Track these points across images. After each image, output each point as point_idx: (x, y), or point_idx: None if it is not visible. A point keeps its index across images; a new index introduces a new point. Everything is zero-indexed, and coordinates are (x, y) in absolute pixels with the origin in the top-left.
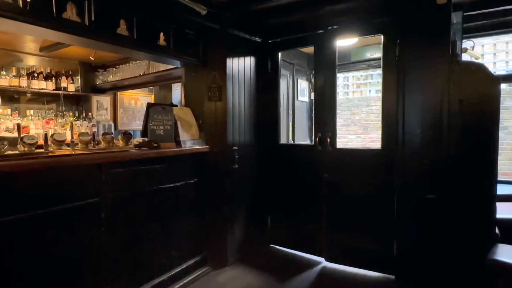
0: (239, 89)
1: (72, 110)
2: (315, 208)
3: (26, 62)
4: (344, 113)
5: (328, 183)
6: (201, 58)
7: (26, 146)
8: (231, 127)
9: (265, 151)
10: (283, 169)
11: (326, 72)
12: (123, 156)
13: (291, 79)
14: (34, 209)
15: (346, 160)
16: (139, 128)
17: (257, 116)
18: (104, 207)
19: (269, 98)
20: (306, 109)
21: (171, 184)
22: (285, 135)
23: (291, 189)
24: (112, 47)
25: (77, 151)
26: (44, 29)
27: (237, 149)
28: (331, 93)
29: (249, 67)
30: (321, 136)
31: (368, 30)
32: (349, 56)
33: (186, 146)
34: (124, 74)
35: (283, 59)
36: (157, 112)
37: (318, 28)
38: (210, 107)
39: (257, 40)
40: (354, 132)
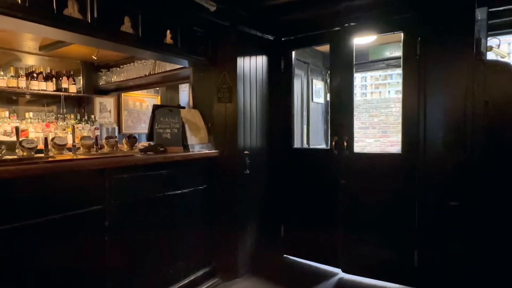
0: (250, 90)
1: (73, 113)
2: (331, 216)
3: (25, 61)
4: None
5: (345, 190)
6: (210, 57)
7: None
8: (242, 130)
9: (278, 156)
10: (297, 175)
11: (343, 71)
12: (127, 161)
13: (305, 79)
14: (34, 217)
15: (364, 165)
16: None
17: (269, 118)
18: (107, 215)
19: (283, 99)
20: (322, 111)
21: (179, 191)
22: (299, 138)
23: (306, 196)
24: (116, 45)
25: (79, 155)
26: (44, 27)
27: (248, 153)
28: (348, 94)
29: (261, 67)
30: (338, 140)
31: (387, 27)
32: (367, 55)
33: (194, 151)
34: (128, 74)
35: (297, 58)
36: (164, 114)
37: (334, 25)
38: (220, 109)
39: (269, 38)
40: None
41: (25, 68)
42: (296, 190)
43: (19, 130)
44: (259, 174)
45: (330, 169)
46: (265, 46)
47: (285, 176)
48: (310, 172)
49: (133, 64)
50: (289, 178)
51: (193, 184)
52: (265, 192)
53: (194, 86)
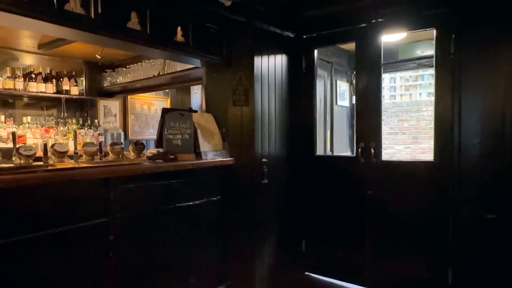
0: (268, 92)
1: (75, 117)
2: (357, 229)
3: (23, 61)
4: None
5: (372, 201)
6: (225, 56)
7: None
8: (260, 136)
9: (298, 164)
10: (319, 185)
11: (370, 72)
12: (134, 170)
13: (329, 80)
14: (32, 231)
15: (392, 174)
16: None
17: (289, 123)
18: (112, 229)
19: (304, 102)
20: (347, 115)
21: (190, 202)
22: (322, 145)
23: (329, 208)
24: (122, 43)
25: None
26: (43, 23)
27: (266, 161)
28: (375, 96)
29: (280, 67)
30: (364, 146)
31: (418, 23)
32: (396, 53)
33: (207, 158)
34: (135, 75)
35: (320, 57)
36: (174, 119)
37: (361, 21)
38: (235, 113)
39: (289, 36)
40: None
41: (23, 68)
42: (319, 201)
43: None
44: (277, 184)
45: (356, 179)
46: (285, 44)
47: (307, 186)
48: (333, 182)
49: (141, 64)
50: (310, 189)
51: (206, 195)
52: (284, 203)
53: (207, 88)
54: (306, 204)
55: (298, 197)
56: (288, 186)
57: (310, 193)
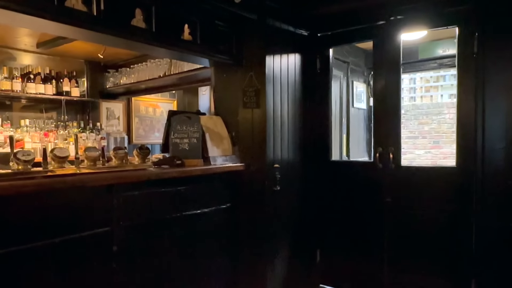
0: (281, 93)
1: (76, 120)
2: (375, 239)
3: (20, 60)
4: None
5: (391, 209)
6: (235, 55)
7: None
8: (272, 140)
9: (313, 170)
10: (335, 192)
11: (388, 72)
12: (139, 176)
13: (345, 81)
14: (30, 240)
15: (412, 180)
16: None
17: (303, 126)
18: (116, 239)
19: (318, 104)
20: (364, 117)
21: (198, 210)
22: (338, 150)
23: (345, 216)
24: (126, 42)
25: (82, 169)
26: (42, 20)
27: (278, 167)
28: (394, 98)
29: (293, 67)
30: (382, 151)
31: (439, 21)
32: (416, 53)
33: (216, 164)
34: (140, 75)
35: (336, 57)
36: (181, 122)
37: (379, 19)
38: (246, 115)
39: (303, 34)
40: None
41: (21, 68)
42: (334, 209)
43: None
44: (290, 191)
45: (373, 185)
46: (299, 43)
47: (321, 193)
48: (350, 189)
49: (146, 63)
50: (325, 196)
51: (215, 203)
52: (297, 211)
53: (216, 89)
54: (320, 212)
55: (312, 205)
56: (302, 193)
57: (325, 200)
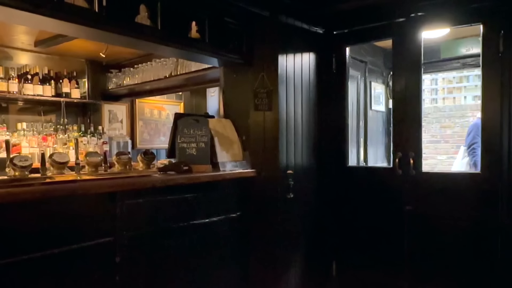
0: (294, 95)
1: (76, 123)
2: (394, 250)
3: (17, 60)
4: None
5: (412, 218)
6: (245, 54)
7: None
8: (285, 144)
9: (328, 176)
10: (352, 200)
11: (409, 72)
12: (143, 183)
13: (362, 81)
14: (28, 251)
15: (434, 187)
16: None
17: (318, 130)
18: (119, 249)
19: (334, 106)
20: (382, 121)
21: (206, 219)
22: (355, 155)
23: (363, 225)
24: (129, 40)
25: (83, 176)
26: (40, 17)
27: (292, 173)
28: (415, 100)
29: (307, 67)
30: (402, 156)
31: (462, 17)
32: (438, 52)
33: (225, 170)
34: (144, 76)
35: (352, 56)
36: (188, 125)
37: (398, 16)
38: (257, 118)
39: (318, 32)
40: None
41: (17, 68)
42: (351, 218)
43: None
44: (304, 199)
45: (393, 193)
46: (313, 42)
47: (337, 201)
48: (367, 196)
49: (151, 63)
50: (341, 204)
51: (224, 211)
52: (312, 220)
53: (226, 90)
54: (336, 221)
55: (328, 213)
56: (316, 201)
57: (341, 208)
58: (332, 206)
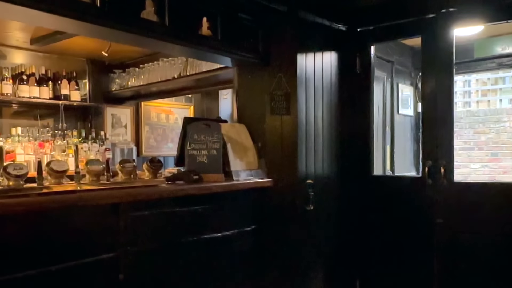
0: (315, 97)
1: (76, 128)
2: (423, 268)
3: (11, 59)
4: (465, 131)
5: (442, 232)
6: (261, 53)
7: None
8: (304, 152)
9: (351, 186)
10: (377, 212)
11: (439, 73)
12: (149, 194)
13: (388, 83)
14: (22, 268)
15: (467, 199)
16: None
17: (340, 136)
18: (122, 266)
19: (358, 110)
20: (411, 126)
21: (218, 234)
22: (381, 163)
23: (389, 240)
24: (135, 37)
25: (84, 186)
26: (37, 12)
27: (312, 183)
28: (446, 103)
29: (329, 67)
30: (432, 164)
31: (498, 13)
32: (471, 51)
33: (239, 179)
34: (151, 76)
35: (378, 55)
36: (199, 130)
37: (428, 11)
38: (274, 123)
39: (340, 28)
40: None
41: (12, 68)
42: (376, 232)
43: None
44: (326, 211)
45: (422, 205)
46: (335, 39)
47: (361, 213)
48: (394, 208)
49: (158, 63)
50: (366, 217)
51: (238, 225)
52: (334, 234)
53: (240, 92)
54: (360, 236)
55: (351, 227)
56: (339, 214)
57: (365, 222)
58: (356, 219)
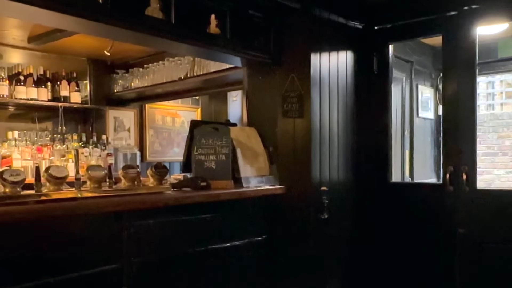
0: (329, 99)
1: (77, 132)
2: (444, 281)
3: (8, 58)
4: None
5: (464, 242)
6: (273, 53)
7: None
8: (318, 157)
9: (368, 194)
10: (395, 221)
11: (461, 74)
12: (154, 201)
13: (407, 84)
14: (19, 280)
15: (491, 207)
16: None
17: (356, 140)
18: (126, 278)
19: (375, 113)
20: (431, 129)
21: (227, 244)
22: (399, 169)
23: (408, 251)
24: (139, 35)
25: (84, 193)
26: (35, 8)
27: (326, 190)
28: (468, 106)
29: (344, 67)
30: (454, 170)
31: None
32: (495, 50)
33: (249, 186)
34: (156, 77)
35: (396, 55)
36: (207, 134)
37: (449, 8)
38: (286, 127)
39: (357, 26)
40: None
41: (8, 68)
42: (394, 242)
43: None
44: (341, 220)
45: (443, 213)
46: (351, 38)
47: (378, 222)
48: (413, 217)
49: (163, 62)
50: (383, 226)
51: (248, 234)
52: (349, 245)
53: (250, 94)
54: (377, 246)
55: (368, 237)
56: (355, 222)
57: (383, 231)
58: (373, 228)
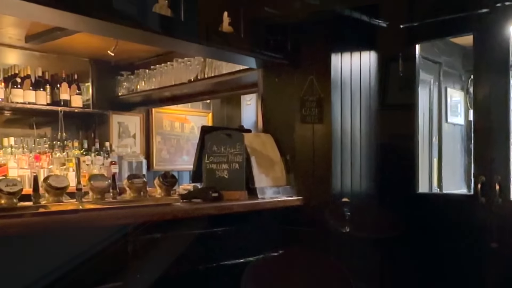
0: (351, 103)
1: (78, 138)
2: None
3: (4, 59)
4: None
5: (497, 258)
6: (290, 53)
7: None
8: (339, 166)
9: (393, 206)
10: (421, 235)
11: (494, 76)
12: (162, 214)
13: (436, 87)
14: None
15: None
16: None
17: (380, 148)
18: None
19: (401, 118)
20: (461, 136)
21: (241, 259)
22: (427, 179)
23: (435, 267)
24: (145, 34)
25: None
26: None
27: (348, 201)
28: (501, 110)
29: (367, 68)
30: (485, 180)
31: None
32: None
33: (265, 197)
34: (163, 79)
35: (424, 56)
36: (218, 141)
37: (481, 6)
38: (305, 133)
39: (381, 25)
40: None
41: (4, 69)
42: (421, 258)
43: None
44: (363, 234)
45: (474, 227)
46: (374, 37)
47: (404, 236)
48: (442, 231)
49: (171, 64)
50: (409, 240)
51: (264, 249)
52: (373, 261)
53: (265, 97)
54: (403, 262)
55: (393, 252)
56: (378, 237)
57: (409, 246)
58: (398, 242)
